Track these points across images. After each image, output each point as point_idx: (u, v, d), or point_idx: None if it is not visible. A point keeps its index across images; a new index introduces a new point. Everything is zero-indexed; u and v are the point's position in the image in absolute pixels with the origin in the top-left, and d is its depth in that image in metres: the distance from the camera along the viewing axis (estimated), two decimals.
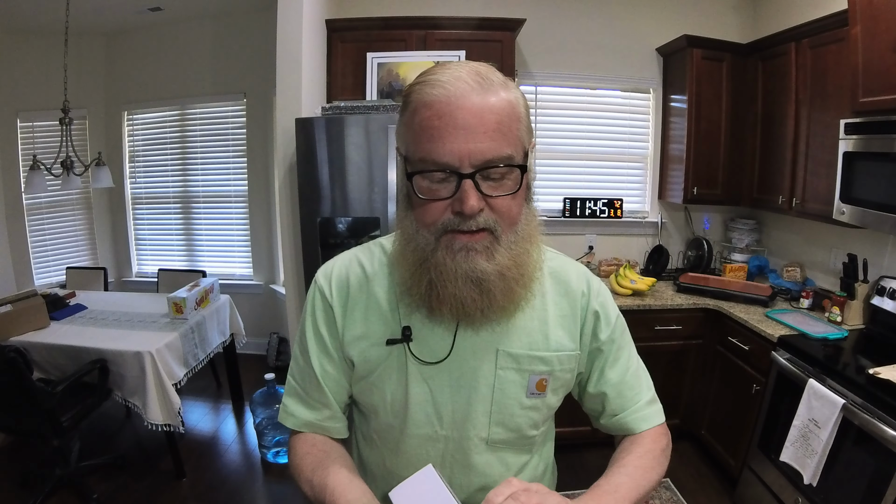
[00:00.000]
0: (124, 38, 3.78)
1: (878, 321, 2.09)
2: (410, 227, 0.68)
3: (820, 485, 1.71)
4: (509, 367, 0.75)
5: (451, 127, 0.61)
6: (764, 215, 2.97)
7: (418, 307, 0.71)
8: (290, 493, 2.43)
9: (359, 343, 0.76)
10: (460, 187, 0.62)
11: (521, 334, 0.75)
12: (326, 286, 0.78)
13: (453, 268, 0.65)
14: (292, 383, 0.82)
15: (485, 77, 0.63)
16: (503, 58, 2.52)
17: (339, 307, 0.77)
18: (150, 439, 2.74)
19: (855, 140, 1.93)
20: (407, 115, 0.66)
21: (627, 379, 0.83)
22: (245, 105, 3.71)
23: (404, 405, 0.76)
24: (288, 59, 2.23)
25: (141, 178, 4.04)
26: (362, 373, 0.78)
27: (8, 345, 2.12)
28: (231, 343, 3.09)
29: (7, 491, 2.33)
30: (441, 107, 0.61)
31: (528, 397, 0.77)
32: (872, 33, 1.78)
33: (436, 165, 0.62)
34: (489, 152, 0.61)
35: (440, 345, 0.74)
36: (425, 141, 0.62)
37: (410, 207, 0.69)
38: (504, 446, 0.79)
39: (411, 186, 0.65)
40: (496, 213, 0.64)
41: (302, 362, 0.81)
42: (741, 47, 2.71)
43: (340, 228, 2.30)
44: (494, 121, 0.62)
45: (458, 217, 0.63)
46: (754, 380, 2.16)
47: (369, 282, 0.78)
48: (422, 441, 0.78)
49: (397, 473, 0.80)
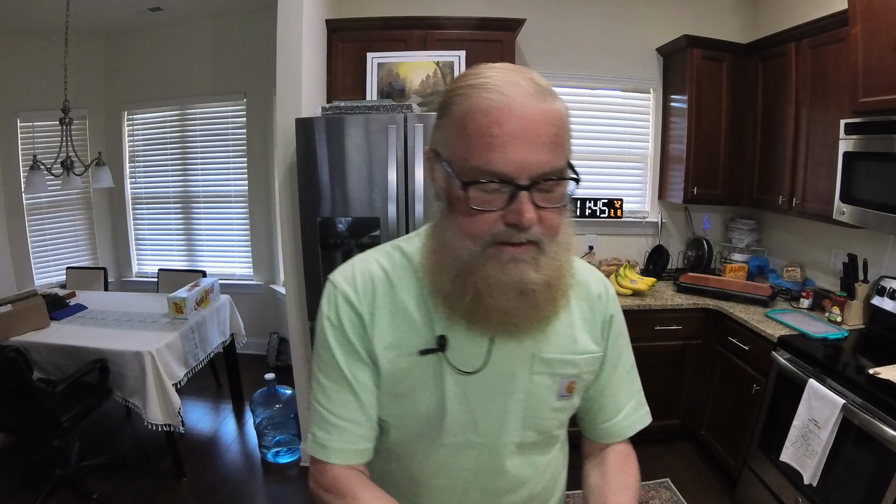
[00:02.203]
0: (124, 38, 3.78)
1: (878, 321, 2.09)
2: (453, 236, 0.64)
3: (820, 485, 1.71)
4: (543, 371, 0.75)
5: (513, 136, 0.57)
6: (764, 215, 2.97)
7: (457, 317, 0.68)
8: (289, 493, 2.43)
9: (388, 353, 0.72)
10: (516, 199, 0.59)
11: (552, 339, 0.74)
12: (351, 291, 0.73)
13: (504, 279, 0.62)
14: (318, 409, 0.74)
15: (539, 84, 0.60)
16: (503, 58, 2.52)
17: (367, 313, 0.72)
18: (150, 439, 2.74)
19: (855, 140, 1.93)
20: (455, 118, 0.61)
21: (626, 382, 0.85)
22: (245, 105, 3.71)
23: (440, 415, 0.73)
24: (288, 59, 2.22)
25: (141, 178, 4.04)
26: (388, 384, 0.74)
27: (8, 345, 2.12)
28: (231, 343, 3.09)
29: (7, 491, 2.33)
30: (500, 114, 0.57)
31: (558, 400, 0.77)
32: (872, 33, 1.78)
33: (492, 176, 0.59)
34: (546, 164, 0.59)
35: (476, 353, 0.72)
36: (482, 149, 0.58)
37: (452, 215, 0.64)
38: (533, 448, 0.79)
39: (465, 196, 0.61)
40: (543, 226, 0.62)
41: (328, 379, 0.74)
42: (741, 47, 2.71)
43: (340, 228, 2.30)
44: (552, 132, 0.59)
45: (511, 229, 0.61)
46: (754, 380, 2.16)
47: (394, 287, 0.73)
48: (454, 449, 0.76)
49: (426, 483, 0.79)
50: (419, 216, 2.09)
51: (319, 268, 2.19)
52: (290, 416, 2.60)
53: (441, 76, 2.49)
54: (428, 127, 2.05)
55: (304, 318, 2.33)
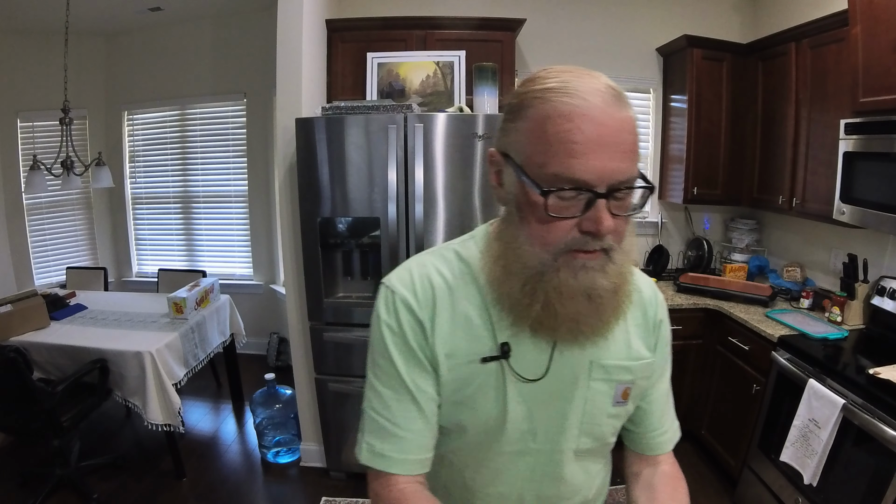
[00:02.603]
0: (124, 38, 3.79)
1: (878, 321, 2.09)
2: (524, 242, 0.63)
3: (820, 485, 1.71)
4: (600, 377, 0.74)
5: (594, 144, 0.56)
6: (764, 215, 2.97)
7: (523, 325, 0.67)
8: (289, 493, 2.43)
9: (448, 360, 0.71)
10: (593, 206, 0.58)
11: (609, 345, 0.74)
12: (411, 297, 0.71)
13: (575, 286, 0.61)
14: (373, 416, 0.72)
15: (616, 90, 0.60)
16: (503, 58, 2.52)
17: (428, 320, 0.70)
18: (150, 439, 2.74)
19: (855, 140, 1.93)
20: (532, 122, 0.60)
21: (667, 398, 0.86)
22: (245, 105, 3.71)
23: (501, 423, 0.73)
24: (288, 59, 2.23)
25: (141, 178, 4.04)
26: (449, 392, 0.72)
27: (8, 345, 2.12)
28: (231, 343, 3.09)
29: (7, 491, 2.33)
30: (582, 121, 0.57)
31: (613, 406, 0.76)
32: (872, 33, 1.78)
33: (573, 183, 0.58)
34: (625, 172, 0.58)
35: (538, 360, 0.71)
36: (563, 155, 0.57)
37: (523, 221, 0.63)
38: (588, 455, 0.79)
39: (543, 203, 0.59)
40: (615, 233, 0.62)
41: (386, 387, 0.72)
42: (741, 47, 2.71)
43: (340, 228, 2.30)
44: (630, 140, 0.59)
45: (586, 237, 0.60)
46: (754, 380, 2.16)
47: (453, 293, 0.71)
48: (512, 457, 0.76)
49: (482, 490, 0.78)
50: (419, 216, 2.09)
51: (319, 268, 2.19)
52: (290, 416, 2.60)
53: (441, 76, 2.49)
54: (428, 127, 2.05)
55: (304, 318, 2.33)
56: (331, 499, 2.34)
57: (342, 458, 2.42)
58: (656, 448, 0.84)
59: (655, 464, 0.84)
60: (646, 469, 0.84)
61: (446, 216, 2.12)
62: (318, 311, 2.23)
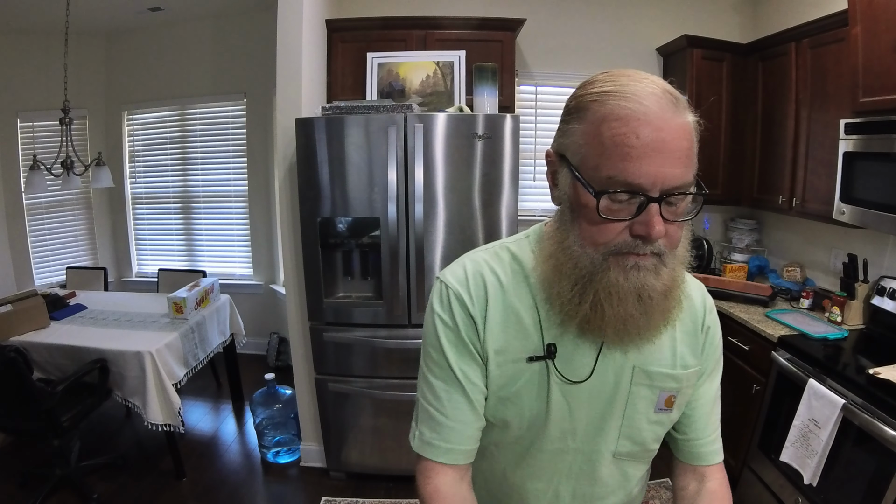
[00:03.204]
0: (124, 38, 3.79)
1: (878, 321, 2.09)
2: (574, 242, 0.64)
3: (820, 485, 1.71)
4: (643, 383, 0.74)
5: (649, 148, 0.57)
6: (764, 215, 2.97)
7: (571, 325, 0.68)
8: (290, 493, 2.43)
9: (497, 357, 0.73)
10: (646, 210, 0.59)
11: (654, 351, 0.74)
12: (465, 293, 0.73)
13: (625, 286, 0.62)
14: (426, 406, 0.76)
15: (675, 96, 0.60)
16: (503, 58, 2.52)
17: (480, 317, 0.73)
18: (150, 439, 2.74)
19: (855, 140, 1.93)
20: (589, 124, 0.60)
21: (714, 405, 0.83)
22: (245, 105, 3.71)
23: (543, 422, 0.74)
24: (288, 59, 2.23)
25: (141, 178, 4.04)
26: (496, 387, 0.74)
27: (8, 345, 2.12)
28: (231, 343, 3.09)
29: (7, 491, 2.33)
30: (638, 125, 0.57)
31: (655, 412, 0.76)
32: (872, 33, 1.78)
33: (626, 186, 0.58)
34: (679, 178, 0.59)
35: (583, 362, 0.72)
36: (618, 159, 0.58)
37: (576, 221, 0.64)
38: (628, 458, 0.79)
39: (595, 204, 0.60)
40: (667, 239, 0.62)
41: (437, 378, 0.75)
42: (741, 47, 2.71)
43: (340, 228, 2.30)
44: (686, 146, 0.59)
45: (637, 240, 0.61)
46: (754, 380, 2.16)
47: (505, 292, 0.73)
48: (551, 455, 0.77)
49: (520, 485, 0.80)
50: (419, 216, 2.09)
51: (319, 268, 2.19)
52: (290, 416, 2.60)
53: (441, 76, 2.49)
54: (428, 127, 2.05)
55: (304, 318, 2.33)
56: (331, 499, 2.34)
57: (342, 458, 2.42)
58: (702, 458, 0.82)
59: (702, 478, 0.82)
60: (692, 483, 0.83)
61: (446, 216, 2.12)
62: (318, 311, 2.23)
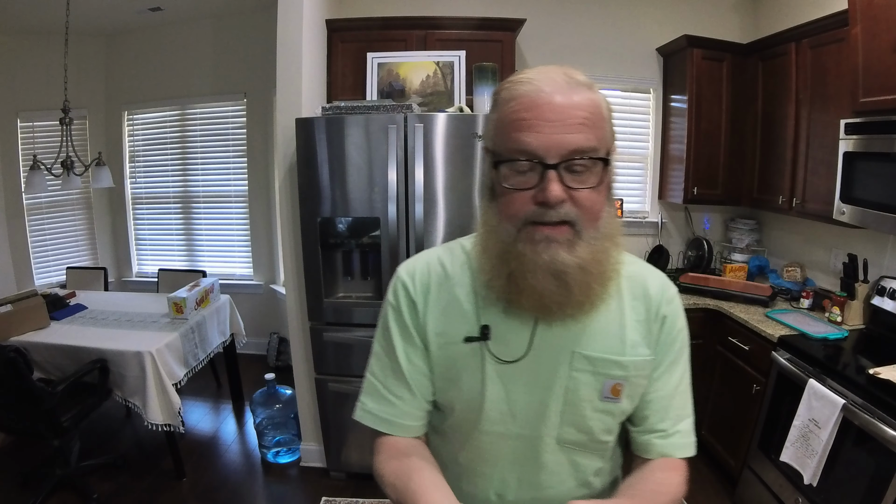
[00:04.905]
0: (124, 38, 3.79)
1: (878, 321, 2.09)
2: (493, 218, 0.70)
3: (820, 485, 1.71)
4: (584, 369, 0.74)
5: (540, 119, 0.62)
6: (764, 215, 2.97)
7: (497, 300, 0.73)
8: (290, 493, 2.43)
9: (438, 339, 0.78)
10: (544, 177, 0.63)
11: (597, 337, 0.74)
12: (410, 282, 0.80)
13: (534, 258, 0.65)
14: (371, 380, 0.82)
15: (571, 76, 0.65)
16: (503, 58, 2.52)
17: (422, 304, 0.79)
18: (150, 439, 2.74)
19: (855, 140, 1.93)
20: (498, 111, 0.68)
21: (672, 399, 0.79)
22: (245, 105, 3.71)
23: (480, 403, 0.76)
24: (288, 59, 2.22)
25: (141, 178, 4.04)
26: (441, 369, 0.79)
27: (8, 345, 2.12)
28: (231, 343, 3.09)
29: (7, 491, 2.33)
30: (529, 100, 0.63)
31: (601, 401, 0.75)
32: (872, 33, 1.78)
33: (522, 155, 0.64)
34: (574, 143, 0.63)
35: (517, 343, 0.74)
36: (513, 131, 0.64)
37: (493, 199, 0.70)
38: (575, 448, 0.79)
39: (496, 176, 0.67)
40: (578, 207, 0.65)
41: (384, 356, 0.81)
42: (741, 47, 2.71)
43: (340, 228, 2.30)
44: (581, 115, 0.63)
45: (542, 208, 0.64)
46: (754, 380, 2.16)
47: (449, 281, 0.79)
48: (495, 438, 0.79)
49: (469, 467, 0.83)
50: (419, 216, 2.09)
51: (319, 268, 2.19)
52: (290, 416, 2.60)
53: (441, 76, 2.49)
54: (428, 127, 2.05)
55: (304, 318, 2.33)
56: (331, 499, 2.34)
57: (342, 458, 2.42)
58: (651, 450, 0.78)
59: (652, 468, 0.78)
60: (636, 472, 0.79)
61: (446, 216, 2.12)
62: (318, 311, 2.23)
